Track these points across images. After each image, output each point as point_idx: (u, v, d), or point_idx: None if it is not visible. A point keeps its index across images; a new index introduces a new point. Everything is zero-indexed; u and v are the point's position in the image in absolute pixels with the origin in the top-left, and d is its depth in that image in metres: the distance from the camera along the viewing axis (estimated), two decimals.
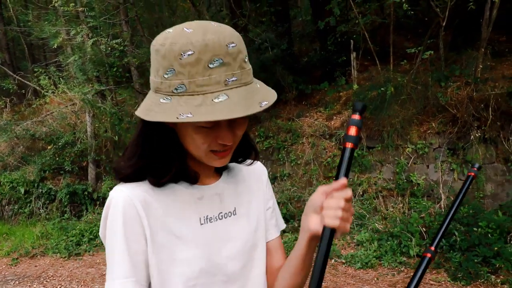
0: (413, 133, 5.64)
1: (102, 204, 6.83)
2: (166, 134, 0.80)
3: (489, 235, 4.31)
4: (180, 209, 0.82)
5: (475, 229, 4.40)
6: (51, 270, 4.97)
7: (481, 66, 5.51)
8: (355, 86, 6.43)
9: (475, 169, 1.10)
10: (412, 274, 3.34)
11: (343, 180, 0.73)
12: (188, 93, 0.70)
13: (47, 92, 7.64)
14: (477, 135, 5.18)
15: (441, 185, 5.33)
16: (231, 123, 0.77)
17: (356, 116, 0.75)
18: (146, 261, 0.79)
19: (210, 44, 0.70)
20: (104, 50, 6.96)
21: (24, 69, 12.97)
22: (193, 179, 0.84)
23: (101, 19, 7.74)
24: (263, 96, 0.74)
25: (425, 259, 0.97)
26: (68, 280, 4.65)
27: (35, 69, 8.60)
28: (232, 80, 0.71)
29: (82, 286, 4.46)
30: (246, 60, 0.75)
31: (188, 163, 0.85)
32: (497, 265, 4.04)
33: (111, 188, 3.85)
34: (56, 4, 6.96)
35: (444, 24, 5.83)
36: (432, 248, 0.99)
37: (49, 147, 7.12)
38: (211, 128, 0.76)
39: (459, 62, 6.09)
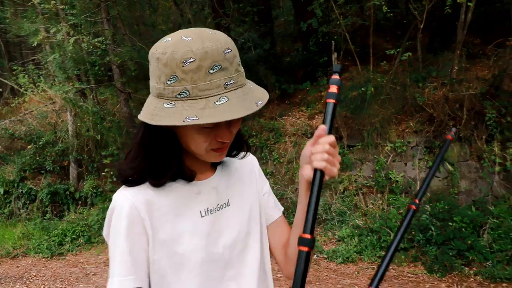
0: (392, 132, 5.82)
1: (84, 204, 6.79)
2: (166, 136, 0.86)
3: (463, 230, 4.51)
4: (180, 205, 0.89)
5: (450, 224, 4.60)
6: (33, 270, 4.93)
7: (456, 68, 5.72)
8: None
9: (453, 133, 1.20)
10: (390, 268, 3.49)
11: (323, 126, 0.81)
12: (191, 97, 0.76)
13: (26, 90, 7.52)
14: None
15: (418, 182, 5.52)
16: (229, 122, 0.84)
17: (336, 76, 0.85)
18: (147, 259, 0.85)
19: (210, 51, 0.76)
20: (86, 48, 6.90)
21: (0, 66, 12.68)
22: (190, 177, 0.91)
23: (82, 17, 7.67)
24: (257, 96, 0.81)
25: (410, 211, 1.05)
26: (52, 280, 4.63)
27: (13, 67, 8.44)
28: (230, 83, 0.78)
29: (67, 286, 4.45)
30: (239, 63, 0.82)
31: (184, 162, 0.91)
32: (471, 258, 4.24)
33: (93, 188, 3.91)
34: (35, 2, 6.86)
35: (421, 26, 6.02)
36: (417, 200, 1.05)
37: (29, 147, 7.02)
38: (212, 128, 0.82)
39: (436, 64, 6.30)
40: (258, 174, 1.08)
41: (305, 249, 0.75)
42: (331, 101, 0.84)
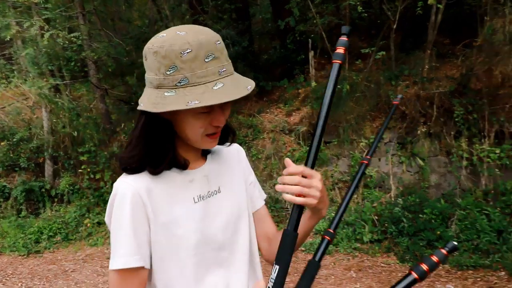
0: (367, 129, 6.01)
1: (61, 201, 6.70)
2: (163, 125, 0.93)
3: (433, 221, 4.74)
4: (175, 192, 0.97)
5: (420, 215, 4.82)
6: (10, 269, 4.87)
7: (427, 67, 5.97)
8: (313, 84, 6.72)
9: (398, 99, 1.33)
10: (365, 259, 3.64)
11: (291, 164, 0.92)
12: (190, 84, 0.84)
13: None
14: (423, 130, 5.62)
15: (391, 177, 5.74)
16: (222, 107, 0.94)
17: (344, 38, 0.93)
18: (149, 242, 0.93)
19: (204, 42, 0.85)
20: (61, 43, 6.79)
21: None
22: (183, 166, 0.99)
23: (57, 11, 7.53)
24: (246, 82, 0.92)
25: (362, 165, 1.18)
26: (29, 277, 4.59)
27: None
28: (223, 71, 0.88)
29: (45, 283, 4.42)
30: (227, 54, 0.92)
31: (178, 151, 0.99)
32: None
33: (70, 185, 3.95)
34: None
35: (394, 26, 6.24)
36: (368, 157, 1.19)
37: (2, 143, 6.86)
38: (208, 113, 0.91)
39: (408, 63, 6.54)
40: (245, 164, 1.17)
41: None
42: (337, 61, 0.93)
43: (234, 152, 1.16)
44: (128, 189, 0.91)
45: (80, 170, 6.81)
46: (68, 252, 5.36)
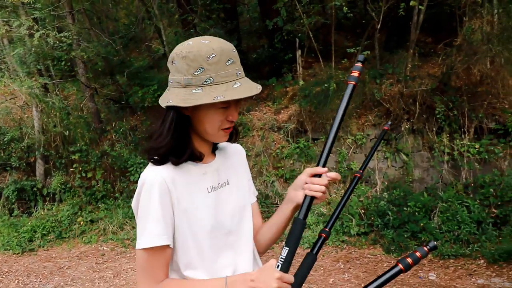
0: (353, 126, 6.21)
1: (53, 200, 6.75)
2: (185, 121, 1.09)
3: (416, 214, 4.96)
4: (192, 183, 1.12)
5: (405, 208, 5.04)
6: (5, 266, 4.94)
7: (409, 65, 6.19)
8: (301, 82, 6.90)
9: (388, 125, 1.56)
10: (352, 251, 3.89)
11: (323, 169, 1.13)
12: (215, 83, 1.02)
13: None
14: (406, 126, 5.85)
15: (377, 172, 5.95)
16: (236, 105, 1.10)
17: (359, 64, 1.17)
18: (173, 224, 1.08)
19: (225, 49, 1.04)
20: (51, 43, 6.82)
21: None
22: (199, 158, 1.14)
23: (45, 11, 7.54)
24: (255, 83, 1.10)
25: (355, 178, 1.42)
26: (25, 274, 4.67)
27: None
28: (239, 73, 1.06)
29: (41, 280, 4.51)
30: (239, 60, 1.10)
31: (195, 145, 1.14)
32: (423, 238, 4.70)
33: (61, 184, 4.15)
34: None
35: (378, 27, 6.45)
36: (361, 171, 1.42)
37: None
38: (226, 108, 1.07)
39: (392, 61, 6.75)
40: (245, 163, 1.34)
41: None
42: (352, 83, 1.15)
43: (238, 151, 1.33)
44: (156, 178, 1.06)
45: (71, 169, 6.86)
46: (62, 249, 5.44)
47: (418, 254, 1.11)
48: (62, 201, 6.65)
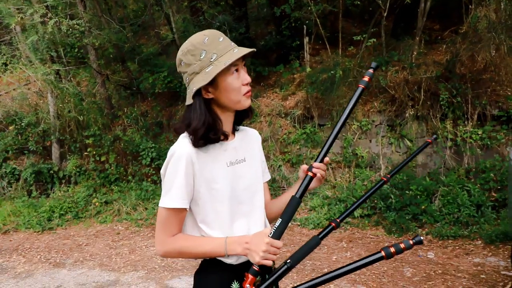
0: (358, 112, 6.36)
1: (68, 182, 7.04)
2: (210, 104, 1.29)
3: (418, 197, 5.14)
4: (214, 157, 1.31)
5: (407, 192, 5.23)
6: (27, 243, 5.23)
7: (415, 53, 6.29)
8: (308, 69, 7.03)
9: (433, 138, 1.68)
10: (355, 231, 4.14)
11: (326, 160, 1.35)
12: (219, 56, 1.22)
13: (4, 72, 7.57)
14: (411, 113, 5.99)
15: (381, 157, 6.12)
16: (244, 68, 1.29)
17: (371, 70, 1.33)
18: (192, 191, 1.27)
19: (213, 32, 1.26)
20: (64, 30, 7.02)
21: None
22: (226, 137, 1.33)
23: None
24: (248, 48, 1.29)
25: (381, 181, 1.57)
26: (47, 250, 4.96)
27: None
28: (233, 44, 1.27)
29: (62, 255, 4.79)
30: None
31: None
32: (424, 220, 4.90)
33: (76, 167, 4.54)
34: None
35: (385, 14, 6.53)
36: (388, 176, 1.60)
37: (10, 128, 7.14)
38: (237, 72, 1.25)
39: (398, 49, 6.84)
40: (260, 147, 1.53)
41: None
42: (361, 86, 1.32)
43: (255, 135, 1.52)
44: (184, 150, 1.25)
45: (85, 153, 7.13)
46: (80, 228, 5.73)
47: (402, 245, 1.19)
48: (77, 184, 6.94)
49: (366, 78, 1.32)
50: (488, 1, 5.56)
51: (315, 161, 1.37)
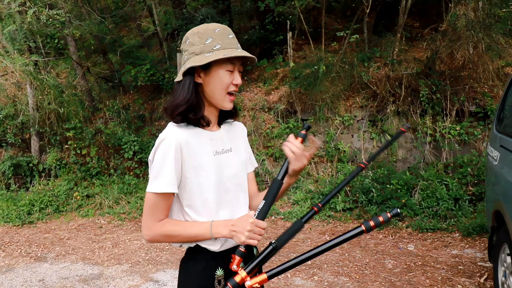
0: (341, 107, 6.45)
1: (48, 176, 6.91)
2: (198, 87, 1.33)
3: (399, 191, 5.28)
4: (201, 146, 1.34)
5: (388, 186, 5.35)
6: (6, 237, 5.13)
7: (396, 50, 6.41)
8: (292, 64, 7.08)
9: (406, 127, 1.68)
10: (338, 225, 4.25)
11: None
12: (222, 48, 1.28)
13: None
14: (392, 108, 6.11)
15: (363, 152, 6.24)
16: (239, 71, 1.35)
17: (303, 131, 1.42)
18: (180, 177, 1.30)
19: (226, 28, 1.34)
20: (44, 20, 6.84)
21: None
22: (207, 124, 1.36)
23: None
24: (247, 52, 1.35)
25: (359, 167, 1.61)
26: (27, 244, 4.87)
27: None
28: (239, 45, 1.34)
29: (43, 249, 4.72)
30: None
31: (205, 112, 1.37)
32: (404, 214, 5.03)
33: (57, 160, 4.54)
34: None
35: (367, 11, 6.63)
36: (366, 162, 1.63)
37: None
38: (231, 72, 1.32)
39: (380, 45, 6.96)
40: (246, 138, 1.57)
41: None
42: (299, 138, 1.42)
43: (241, 127, 1.57)
44: (173, 137, 1.28)
45: (66, 146, 7.00)
46: (61, 222, 5.64)
47: (381, 218, 1.24)
48: (57, 177, 6.81)
49: (299, 139, 1.40)
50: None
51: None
